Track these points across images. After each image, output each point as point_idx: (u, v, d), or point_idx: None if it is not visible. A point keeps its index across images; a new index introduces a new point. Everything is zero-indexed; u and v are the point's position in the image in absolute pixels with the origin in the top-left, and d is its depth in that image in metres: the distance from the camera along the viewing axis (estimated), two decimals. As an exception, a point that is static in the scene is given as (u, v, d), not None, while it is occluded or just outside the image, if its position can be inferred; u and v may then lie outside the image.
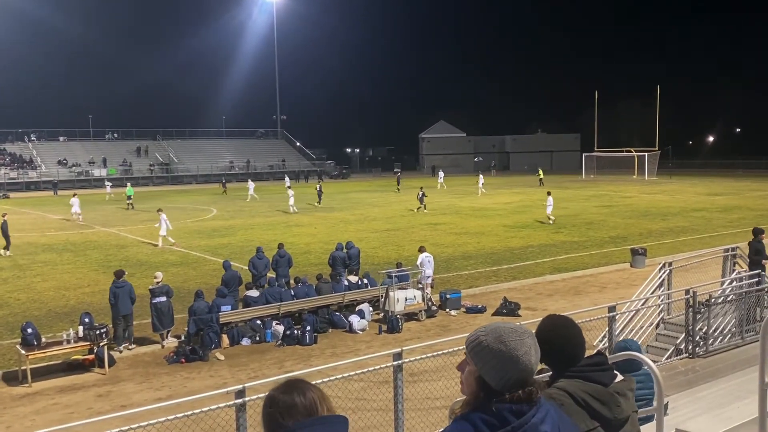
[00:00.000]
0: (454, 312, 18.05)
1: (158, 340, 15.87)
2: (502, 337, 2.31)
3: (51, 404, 12.35)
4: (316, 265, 23.52)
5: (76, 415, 11.57)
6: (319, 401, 2.29)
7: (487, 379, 2.32)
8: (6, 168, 75.23)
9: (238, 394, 7.18)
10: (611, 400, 2.92)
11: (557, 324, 3.06)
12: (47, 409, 12.10)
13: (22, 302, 19.95)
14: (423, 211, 41.99)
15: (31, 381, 13.24)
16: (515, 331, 2.34)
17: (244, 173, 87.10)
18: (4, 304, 19.68)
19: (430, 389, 10.86)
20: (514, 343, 2.30)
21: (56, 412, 11.87)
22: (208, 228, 36.41)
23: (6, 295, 20.81)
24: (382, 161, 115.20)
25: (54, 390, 13.08)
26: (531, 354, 2.31)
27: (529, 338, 2.34)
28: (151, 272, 23.39)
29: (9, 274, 24.24)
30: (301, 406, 2.26)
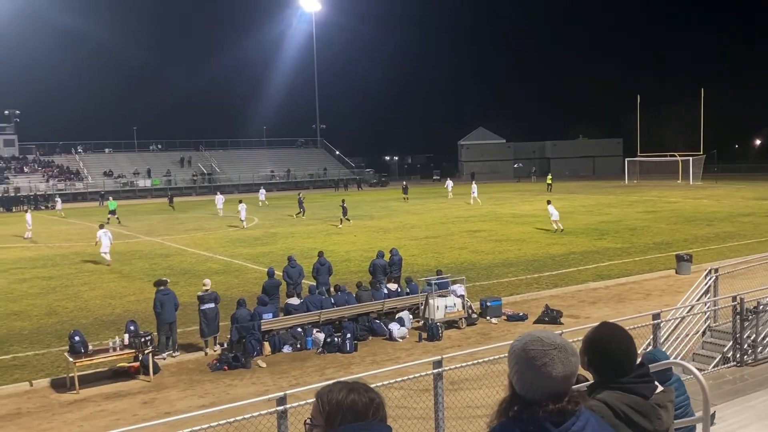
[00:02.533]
0: (495, 320, 17.91)
1: (202, 347, 16.10)
2: (527, 345, 2.32)
3: (98, 411, 12.60)
4: (356, 273, 23.59)
5: (122, 421, 11.79)
6: (376, 407, 2.29)
7: (513, 383, 2.32)
8: (54, 179, 77.24)
9: (279, 401, 7.25)
10: (652, 413, 2.86)
11: (616, 335, 3.00)
12: (94, 415, 12.35)
13: (70, 310, 20.43)
14: (339, 226, 39.75)
15: (79, 388, 13.53)
16: (541, 341, 2.33)
17: (285, 182, 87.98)
18: (53, 313, 20.19)
19: (471, 398, 10.79)
20: (536, 352, 2.29)
21: (103, 419, 12.11)
22: (249, 236, 36.81)
23: (54, 304, 21.34)
24: (421, 168, 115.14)
25: (101, 397, 13.35)
26: (552, 367, 2.28)
27: (555, 351, 2.31)
28: (194, 280, 23.79)
29: (57, 283, 24.86)
30: (357, 405, 2.27)
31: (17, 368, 14.94)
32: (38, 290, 23.62)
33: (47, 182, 76.00)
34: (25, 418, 12.28)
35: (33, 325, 18.75)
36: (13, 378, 14.29)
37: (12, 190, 71.44)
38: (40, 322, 19.06)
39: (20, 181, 74.46)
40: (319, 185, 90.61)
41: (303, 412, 7.72)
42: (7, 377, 14.36)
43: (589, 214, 43.51)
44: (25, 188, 72.46)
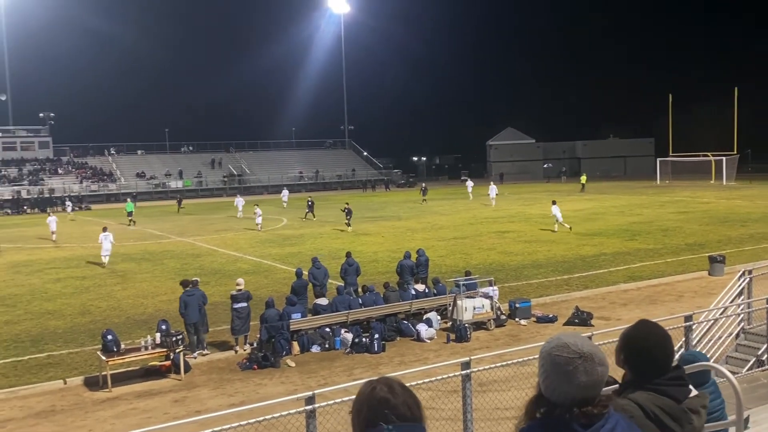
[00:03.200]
0: (524, 321, 17.80)
1: (232, 345, 16.27)
2: (553, 350, 2.30)
3: (130, 409, 12.79)
4: (384, 274, 23.62)
5: (153, 419, 11.95)
6: (415, 407, 2.28)
7: (541, 386, 2.31)
8: (88, 181, 78.54)
9: (308, 400, 7.29)
10: (683, 417, 2.81)
11: (655, 333, 2.96)
12: (126, 413, 12.54)
13: (103, 310, 20.76)
14: (349, 229, 38.39)
15: (111, 386, 13.75)
16: (568, 347, 2.30)
17: (313, 183, 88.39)
18: (86, 312, 20.53)
19: (499, 399, 10.74)
20: (560, 358, 2.28)
21: (134, 417, 12.29)
22: (278, 237, 37.06)
23: (88, 303, 21.70)
24: (449, 169, 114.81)
25: (132, 395, 13.55)
26: (576, 374, 2.26)
27: (579, 359, 2.28)
28: (225, 280, 24.03)
29: (90, 283, 25.27)
30: (397, 404, 2.26)
31: (52, 366, 15.23)
32: (72, 290, 24.04)
33: (81, 183, 77.30)
34: (59, 416, 12.51)
35: (67, 324, 19.09)
36: (48, 376, 14.57)
37: (47, 192, 72.78)
38: (74, 321, 19.40)
39: (54, 183, 75.85)
40: (347, 186, 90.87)
41: (331, 412, 7.77)
42: (41, 375, 14.64)
43: (621, 214, 43.02)
44: (59, 189, 73.77)
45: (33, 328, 18.81)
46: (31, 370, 15.03)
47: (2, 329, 18.68)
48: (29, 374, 14.73)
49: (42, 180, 75.98)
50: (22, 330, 18.60)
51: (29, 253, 33.16)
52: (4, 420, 12.39)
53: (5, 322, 19.47)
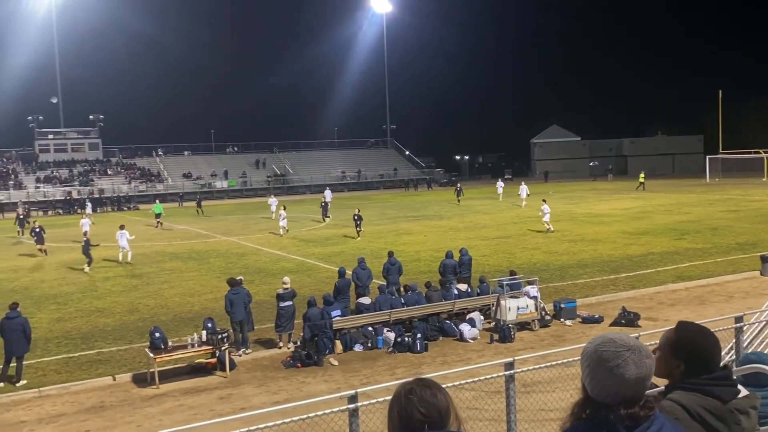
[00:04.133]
0: (570, 322, 17.56)
1: (276, 342, 16.44)
2: (599, 347, 2.26)
3: (177, 405, 13.01)
4: (426, 273, 23.56)
5: (200, 416, 12.13)
6: (452, 406, 2.29)
7: (587, 386, 2.27)
8: (136, 181, 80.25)
9: (350, 399, 7.31)
10: (730, 417, 2.72)
11: (702, 332, 2.89)
12: (173, 410, 12.76)
13: (151, 308, 21.17)
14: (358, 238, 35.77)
15: (159, 383, 14.01)
16: (614, 342, 2.26)
17: (356, 183, 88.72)
18: (135, 310, 20.96)
19: (544, 401, 10.62)
20: (608, 354, 2.23)
21: (181, 413, 12.50)
22: (321, 236, 37.30)
23: (136, 301, 22.16)
24: (492, 168, 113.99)
25: (179, 392, 13.78)
26: (626, 369, 2.21)
27: (628, 352, 2.24)
28: (269, 279, 24.29)
29: (139, 281, 25.80)
30: (437, 405, 2.27)
31: (101, 363, 15.59)
32: (121, 288, 24.58)
33: (129, 184, 79.02)
34: (108, 411, 12.80)
35: (116, 322, 19.53)
36: (98, 372, 14.92)
37: (97, 192, 74.60)
38: (123, 319, 19.83)
39: (104, 183, 77.69)
40: (389, 185, 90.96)
41: (374, 411, 7.77)
42: (91, 371, 15.00)
43: (669, 213, 42.13)
44: (109, 190, 75.54)
45: (83, 325, 19.29)
46: (81, 366, 15.41)
47: (54, 326, 19.21)
48: (80, 370, 15.11)
49: (92, 181, 77.89)
50: (73, 327, 19.09)
51: (80, 252, 33.98)
52: (57, 415, 12.73)
53: (57, 320, 20.01)
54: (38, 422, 12.42)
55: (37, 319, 19.59)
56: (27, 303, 21.28)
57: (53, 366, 15.51)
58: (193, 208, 59.38)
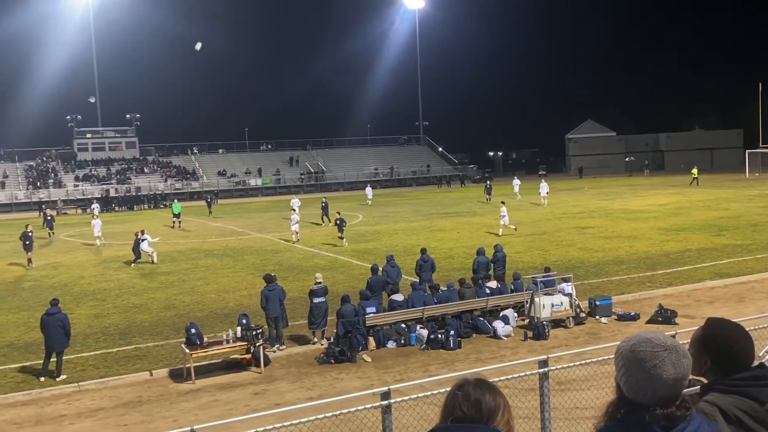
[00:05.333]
0: (605, 319, 17.35)
1: (310, 338, 16.54)
2: (635, 347, 2.22)
3: (212, 400, 13.16)
4: (459, 270, 23.48)
5: (235, 411, 12.26)
6: (501, 411, 2.27)
7: (621, 386, 2.23)
8: (172, 179, 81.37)
9: (383, 395, 7.32)
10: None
11: (733, 328, 2.82)
12: (209, 405, 12.91)
13: (187, 304, 21.45)
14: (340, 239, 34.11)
15: (195, 378, 14.19)
16: (650, 342, 2.22)
17: (388, 180, 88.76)
18: (171, 306, 21.26)
19: (578, 398, 10.51)
20: (645, 353, 2.19)
21: (217, 408, 12.64)
22: (354, 233, 37.38)
23: (172, 298, 22.47)
24: (526, 164, 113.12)
25: (215, 387, 13.94)
26: (663, 369, 2.17)
27: (665, 352, 2.20)
28: (302, 276, 24.44)
29: (175, 278, 26.16)
30: (480, 406, 2.25)
31: (138, 358, 15.85)
32: (157, 285, 24.95)
33: (165, 182, 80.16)
34: (145, 406, 13.00)
35: (153, 318, 19.83)
36: (135, 367, 15.17)
37: (133, 190, 75.84)
38: (159, 315, 20.13)
39: (140, 181, 78.93)
40: (422, 182, 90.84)
41: (407, 408, 7.78)
42: (129, 366, 15.26)
43: (707, 209, 41.37)
44: (145, 188, 76.73)
45: (121, 321, 19.63)
46: (119, 361, 15.69)
47: (93, 322, 19.58)
48: (118, 365, 15.38)
49: (129, 179, 79.18)
50: (111, 323, 19.44)
51: (117, 250, 34.60)
52: (95, 409, 12.97)
53: (95, 316, 20.39)
54: (78, 416, 12.68)
55: (76, 315, 19.98)
56: (66, 299, 21.72)
57: (92, 361, 15.81)
58: (231, 206, 60.03)
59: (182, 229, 43.83)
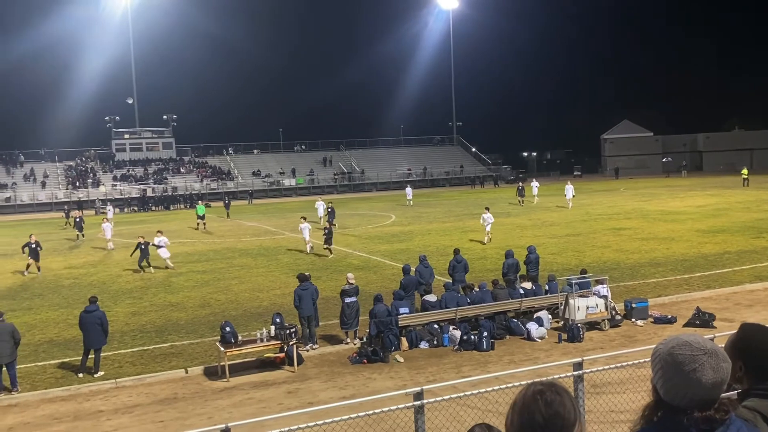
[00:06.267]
0: (641, 322, 17.11)
1: (342, 338, 16.60)
2: (674, 350, 2.18)
3: (246, 398, 13.30)
4: (492, 271, 23.34)
5: (268, 409, 12.37)
6: (578, 425, 2.16)
7: (659, 389, 2.20)
8: (207, 179, 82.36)
9: (416, 396, 7.31)
10: None
11: (753, 329, 2.78)
12: (243, 402, 13.05)
13: (222, 303, 21.69)
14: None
15: (229, 376, 14.34)
16: (690, 345, 2.18)
17: (421, 180, 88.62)
18: (206, 305, 21.52)
19: (614, 402, 10.38)
20: (684, 357, 2.15)
21: (250, 406, 12.76)
22: (387, 234, 37.43)
23: (208, 296, 22.75)
24: (561, 164, 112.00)
25: (249, 385, 14.08)
26: (702, 373, 2.13)
27: (705, 356, 2.15)
28: (335, 276, 24.54)
29: (210, 277, 26.47)
30: (562, 414, 2.15)
31: (174, 356, 16.07)
32: (193, 283, 25.27)
33: (201, 182, 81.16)
34: (180, 403, 13.18)
35: (188, 316, 20.09)
36: (171, 365, 15.39)
37: (170, 190, 76.95)
38: (195, 313, 20.39)
39: (177, 181, 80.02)
40: (455, 183, 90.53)
41: (440, 408, 7.77)
42: (165, 364, 15.49)
43: (746, 210, 40.52)
44: (182, 188, 77.78)
45: (157, 319, 19.93)
46: (155, 359, 15.93)
47: (130, 320, 19.91)
48: (154, 363, 15.62)
49: (166, 179, 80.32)
50: (148, 321, 19.75)
51: (154, 249, 35.07)
52: (132, 405, 13.19)
53: (132, 314, 20.73)
54: (115, 412, 12.90)
55: (114, 312, 20.33)
56: (104, 297, 22.12)
57: (129, 358, 16.08)
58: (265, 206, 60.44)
59: (206, 231, 42.88)
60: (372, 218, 47.39)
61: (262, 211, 57.77)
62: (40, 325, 19.75)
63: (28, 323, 19.58)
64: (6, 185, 75.04)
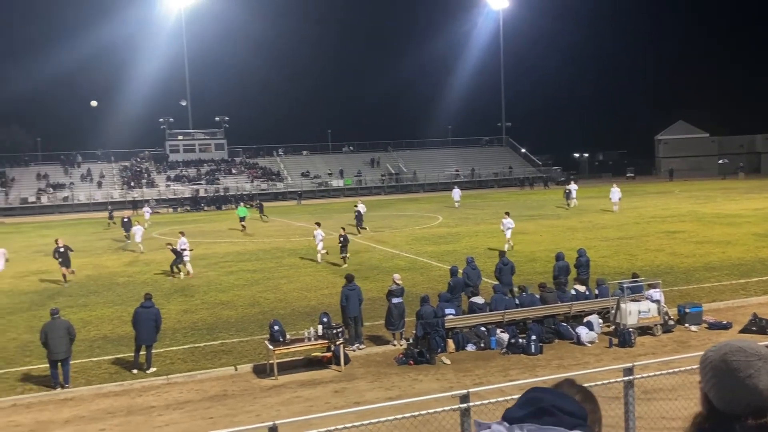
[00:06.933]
0: (695, 327, 16.69)
1: (389, 340, 16.63)
2: (727, 355, 2.11)
3: (294, 397, 13.43)
4: (542, 274, 23.07)
5: (315, 408, 12.47)
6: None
7: (710, 397, 2.13)
8: (258, 180, 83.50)
9: (462, 398, 7.29)
10: None
11: None
12: (291, 401, 13.18)
13: (271, 301, 21.96)
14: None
15: (277, 374, 14.51)
16: (743, 351, 2.11)
17: (469, 181, 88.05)
18: (256, 303, 21.82)
19: (665, 408, 10.14)
20: (738, 363, 2.08)
21: (298, 405, 12.88)
22: (434, 235, 37.33)
23: (257, 295, 23.05)
24: (614, 166, 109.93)
25: (296, 384, 14.22)
26: (759, 379, 2.06)
27: (760, 362, 2.08)
28: (382, 276, 24.58)
29: (260, 276, 26.82)
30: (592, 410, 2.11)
31: (224, 353, 16.34)
32: (243, 282, 25.64)
33: (252, 183, 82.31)
34: (230, 400, 13.39)
35: (238, 314, 20.40)
36: (221, 362, 15.65)
37: (221, 190, 78.27)
38: (245, 312, 20.69)
39: (228, 182, 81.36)
40: (504, 184, 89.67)
41: (486, 412, 7.71)
42: (215, 361, 15.76)
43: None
44: (233, 188, 79.04)
45: (208, 317, 20.29)
46: (206, 356, 16.22)
47: (182, 318, 20.31)
48: (204, 360, 15.90)
49: (217, 179, 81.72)
50: (199, 319, 20.12)
51: (206, 248, 35.75)
52: (183, 402, 13.46)
53: (184, 311, 21.15)
54: (166, 408, 13.18)
55: (167, 310, 20.75)
56: (157, 295, 22.53)
57: (180, 355, 16.41)
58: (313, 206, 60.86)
59: (245, 233, 42.30)
60: (419, 219, 47.32)
61: (310, 212, 58.24)
62: (95, 321, 20.32)
63: (84, 319, 20.15)
64: (64, 185, 77.43)
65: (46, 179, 78.26)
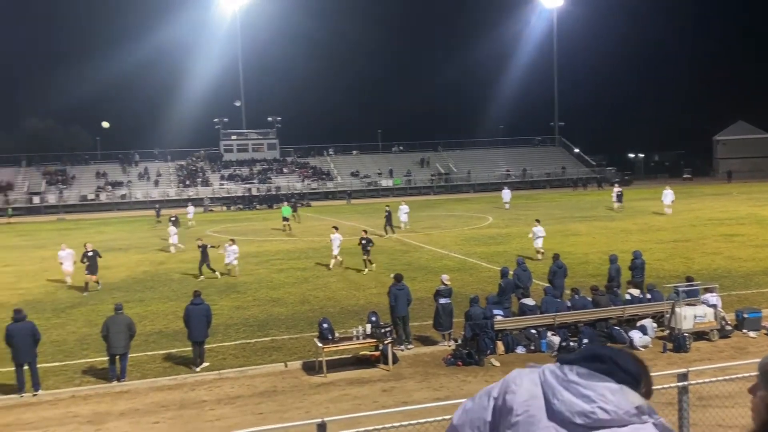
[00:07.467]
0: (753, 333, 16.18)
1: (438, 339, 16.59)
2: None
3: (342, 394, 13.51)
4: (594, 276, 22.69)
5: (363, 407, 12.52)
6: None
7: None
8: (309, 179, 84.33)
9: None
10: None
11: None
12: (339, 398, 13.27)
13: (320, 299, 22.16)
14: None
15: (326, 372, 14.63)
16: None
17: (521, 182, 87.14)
18: (306, 301, 22.04)
19: (722, 416, 9.87)
20: None
21: (346, 402, 12.96)
22: (484, 235, 37.07)
23: (307, 293, 23.28)
24: (670, 167, 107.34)
25: (345, 382, 14.30)
26: None
27: None
28: (430, 276, 24.53)
29: (310, 274, 27.07)
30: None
31: (275, 350, 16.55)
32: (293, 280, 25.93)
33: (303, 182, 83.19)
34: (280, 396, 13.56)
35: (289, 311, 20.64)
36: (271, 359, 15.86)
37: (273, 189, 79.31)
38: (295, 309, 20.92)
39: (280, 181, 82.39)
40: (556, 185, 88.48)
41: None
42: (266, 357, 15.98)
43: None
44: (284, 187, 80.00)
45: (260, 314, 20.58)
46: (257, 352, 16.46)
47: (234, 314, 20.65)
48: (255, 356, 16.14)
49: (269, 179, 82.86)
50: (251, 315, 20.43)
51: (258, 246, 36.27)
52: (234, 396, 13.69)
53: (236, 308, 21.50)
54: (217, 402, 13.42)
55: (219, 306, 21.14)
56: (210, 291, 23.06)
57: (232, 351, 16.69)
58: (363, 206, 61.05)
59: (288, 234, 42.22)
60: (468, 220, 47.06)
61: (359, 211, 58.54)
62: (150, 316, 20.82)
63: (140, 314, 20.66)
64: (122, 183, 79.58)
65: (104, 177, 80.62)
